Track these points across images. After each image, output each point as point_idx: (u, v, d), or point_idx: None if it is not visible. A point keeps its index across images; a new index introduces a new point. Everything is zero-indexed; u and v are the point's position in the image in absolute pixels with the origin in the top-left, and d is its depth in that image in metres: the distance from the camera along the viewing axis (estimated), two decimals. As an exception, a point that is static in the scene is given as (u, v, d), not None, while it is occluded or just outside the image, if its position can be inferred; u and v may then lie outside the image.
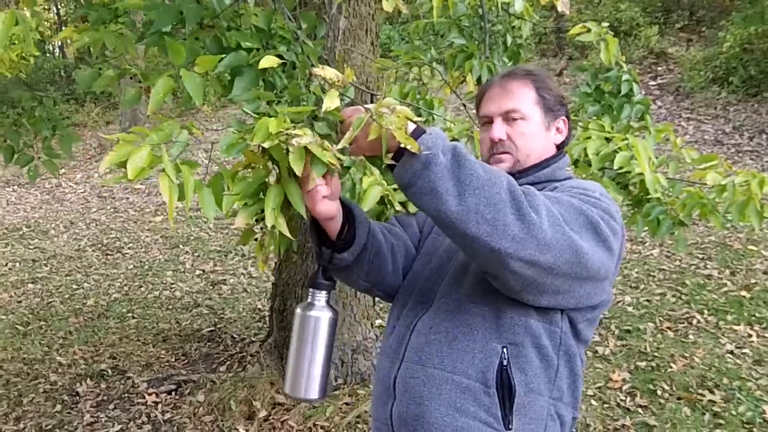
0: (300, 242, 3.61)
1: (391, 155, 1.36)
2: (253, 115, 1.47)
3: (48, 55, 14.84)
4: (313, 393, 1.57)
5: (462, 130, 2.17)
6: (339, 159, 1.38)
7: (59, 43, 15.01)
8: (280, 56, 1.62)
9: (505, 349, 1.49)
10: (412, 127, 1.35)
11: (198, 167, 1.43)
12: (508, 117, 1.62)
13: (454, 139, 2.17)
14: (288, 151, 1.33)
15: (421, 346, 1.57)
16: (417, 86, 2.32)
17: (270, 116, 1.41)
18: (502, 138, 1.62)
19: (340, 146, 1.34)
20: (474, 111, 1.84)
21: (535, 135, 1.63)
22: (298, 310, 1.58)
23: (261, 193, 1.46)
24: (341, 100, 1.38)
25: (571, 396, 1.57)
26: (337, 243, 1.62)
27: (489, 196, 1.29)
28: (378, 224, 1.76)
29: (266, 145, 1.32)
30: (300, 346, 1.56)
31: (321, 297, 1.57)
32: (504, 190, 1.31)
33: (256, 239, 1.61)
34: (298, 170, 1.31)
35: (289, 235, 1.48)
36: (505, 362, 1.49)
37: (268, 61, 1.49)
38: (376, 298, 1.88)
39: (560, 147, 1.70)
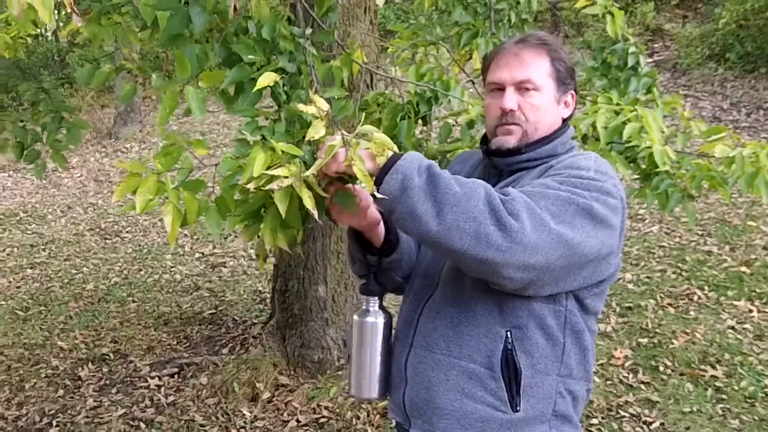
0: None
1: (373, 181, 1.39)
2: (250, 138, 1.53)
3: (41, 38, 14.69)
4: (376, 392, 1.67)
5: (480, 112, 2.14)
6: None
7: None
8: (283, 69, 1.66)
9: (509, 333, 1.50)
10: (389, 154, 1.39)
11: (203, 187, 1.54)
12: (521, 87, 1.57)
13: (471, 122, 2.16)
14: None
15: (428, 331, 1.59)
16: (433, 67, 2.28)
17: (265, 139, 1.50)
18: (514, 108, 1.57)
19: (308, 173, 1.38)
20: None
21: (546, 108, 1.59)
22: (355, 317, 1.66)
23: (263, 210, 1.55)
24: (326, 130, 1.43)
25: (583, 370, 1.58)
26: (383, 247, 1.66)
27: (467, 210, 1.31)
28: None
29: (250, 186, 1.40)
30: (360, 350, 1.65)
31: (374, 302, 1.65)
32: (482, 202, 1.32)
33: (258, 236, 1.67)
34: (282, 209, 1.40)
35: (288, 249, 1.57)
36: (509, 346, 1.50)
37: (267, 79, 1.55)
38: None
39: (565, 121, 1.67)
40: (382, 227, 1.65)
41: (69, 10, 1.46)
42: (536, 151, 1.59)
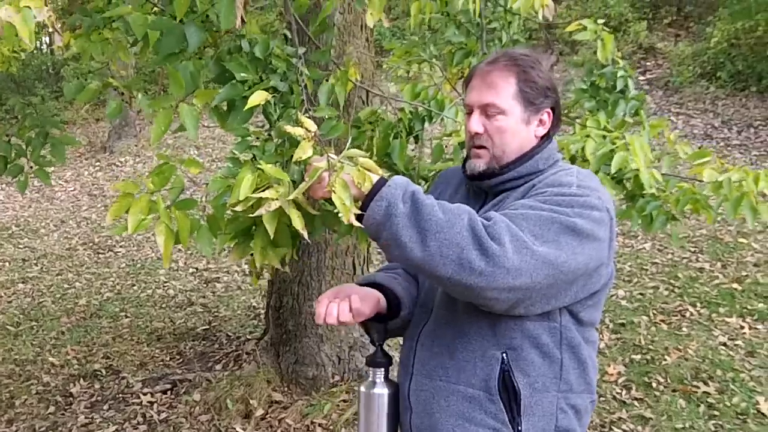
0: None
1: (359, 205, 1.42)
2: (241, 158, 1.56)
3: (36, 51, 14.70)
4: None
5: None
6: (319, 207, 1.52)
7: (47, 40, 14.87)
8: (275, 88, 1.69)
9: (504, 355, 1.51)
10: (375, 178, 1.41)
11: (195, 206, 1.56)
12: (486, 111, 1.59)
13: (463, 143, 2.17)
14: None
15: (427, 359, 1.60)
16: (429, 85, 2.30)
17: (255, 158, 1.53)
18: (479, 132, 1.59)
19: (292, 196, 1.42)
20: None
21: (512, 130, 1.59)
22: (362, 389, 1.69)
23: (253, 228, 1.59)
24: (313, 150, 1.46)
25: (584, 383, 1.58)
26: (388, 314, 1.68)
27: (450, 237, 1.34)
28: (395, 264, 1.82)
29: (238, 209, 1.43)
30: (367, 421, 1.69)
31: (380, 374, 1.68)
32: (465, 228, 1.35)
33: (251, 254, 1.69)
34: (270, 231, 1.43)
35: (280, 267, 1.61)
36: (506, 367, 1.51)
37: (258, 97, 1.57)
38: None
39: (544, 138, 1.66)
40: (383, 302, 1.66)
41: (52, 30, 1.49)
42: (517, 170, 1.60)
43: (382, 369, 1.68)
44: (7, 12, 1.34)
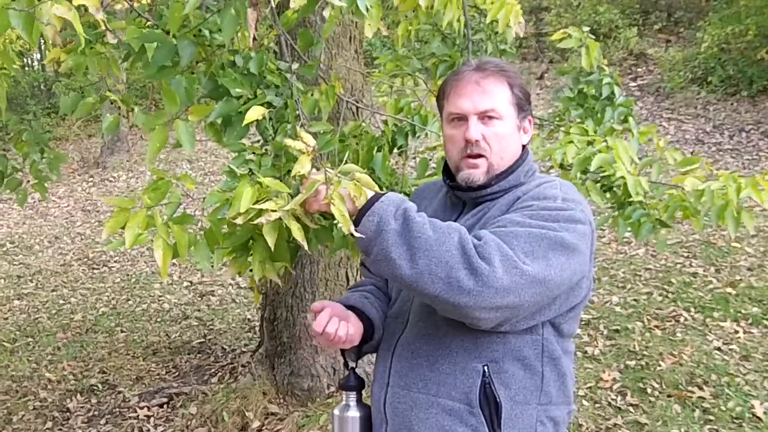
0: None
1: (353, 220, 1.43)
2: (238, 172, 1.58)
3: (27, 68, 14.71)
4: None
5: None
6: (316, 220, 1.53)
7: (38, 56, 14.88)
8: (269, 103, 1.70)
9: (486, 368, 1.50)
10: (370, 194, 1.42)
11: (191, 222, 1.55)
12: (485, 116, 1.56)
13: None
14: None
15: (405, 371, 1.59)
16: (412, 100, 2.31)
17: (252, 173, 1.55)
18: (479, 139, 1.56)
19: (288, 207, 1.43)
20: None
21: (510, 136, 1.59)
22: (336, 412, 1.71)
23: (250, 242, 1.59)
24: (312, 165, 1.47)
25: (563, 395, 1.58)
26: (363, 339, 1.67)
27: (439, 255, 1.34)
28: (371, 282, 1.83)
29: (239, 221, 1.44)
30: None
31: (353, 397, 1.70)
32: (455, 247, 1.35)
33: (251, 270, 1.70)
34: (270, 242, 1.44)
35: (278, 281, 1.62)
36: (487, 380, 1.50)
37: (255, 113, 1.59)
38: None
39: (524, 147, 1.66)
40: (362, 327, 1.66)
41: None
42: (499, 185, 1.59)
43: (355, 392, 1.69)
44: (60, 10, 1.36)
